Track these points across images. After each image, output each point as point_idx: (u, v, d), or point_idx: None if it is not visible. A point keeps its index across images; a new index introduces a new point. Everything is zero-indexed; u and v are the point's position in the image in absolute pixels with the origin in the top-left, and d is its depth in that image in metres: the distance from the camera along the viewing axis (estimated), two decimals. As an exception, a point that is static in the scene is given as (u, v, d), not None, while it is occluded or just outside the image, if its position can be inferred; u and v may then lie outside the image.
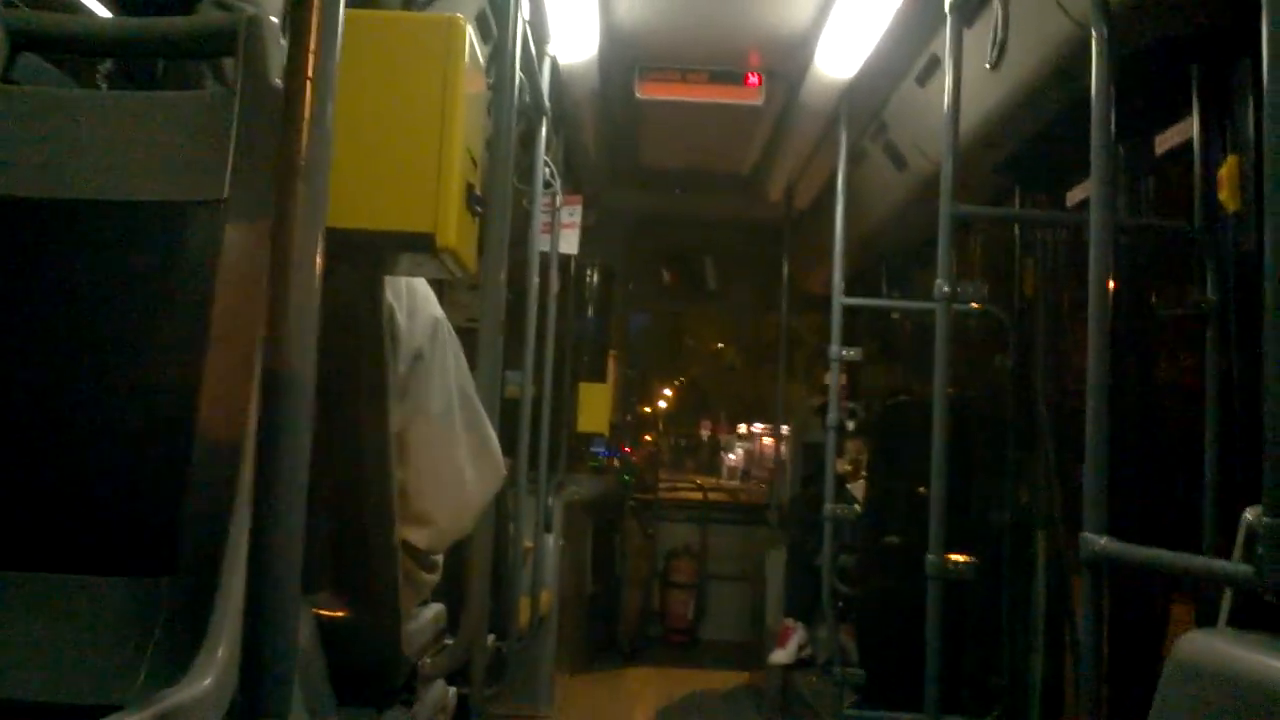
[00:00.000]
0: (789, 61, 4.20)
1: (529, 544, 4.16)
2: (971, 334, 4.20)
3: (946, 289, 2.76)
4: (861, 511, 4.32)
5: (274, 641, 0.94)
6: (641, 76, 4.40)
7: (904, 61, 3.76)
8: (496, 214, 2.35)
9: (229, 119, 1.31)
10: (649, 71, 4.40)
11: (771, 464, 7.04)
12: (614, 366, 6.48)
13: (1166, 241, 2.95)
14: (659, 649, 6.99)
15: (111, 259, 1.32)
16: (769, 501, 6.74)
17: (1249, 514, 1.48)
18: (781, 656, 5.09)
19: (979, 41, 2.82)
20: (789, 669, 5.06)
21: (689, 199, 6.41)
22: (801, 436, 6.58)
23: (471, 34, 1.55)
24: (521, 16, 2.56)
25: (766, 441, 9.51)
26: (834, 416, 4.28)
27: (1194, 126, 2.63)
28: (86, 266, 1.31)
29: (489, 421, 2.04)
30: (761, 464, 9.55)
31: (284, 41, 1.28)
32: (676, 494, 8.04)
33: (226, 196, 1.28)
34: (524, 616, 3.89)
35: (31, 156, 1.33)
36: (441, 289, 2.43)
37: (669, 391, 10.25)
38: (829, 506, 4.17)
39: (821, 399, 4.90)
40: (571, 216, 4.82)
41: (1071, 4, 2.55)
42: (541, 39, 3.64)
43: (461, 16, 1.54)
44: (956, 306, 2.81)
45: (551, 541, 4.82)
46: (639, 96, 4.45)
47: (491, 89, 2.47)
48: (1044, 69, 2.84)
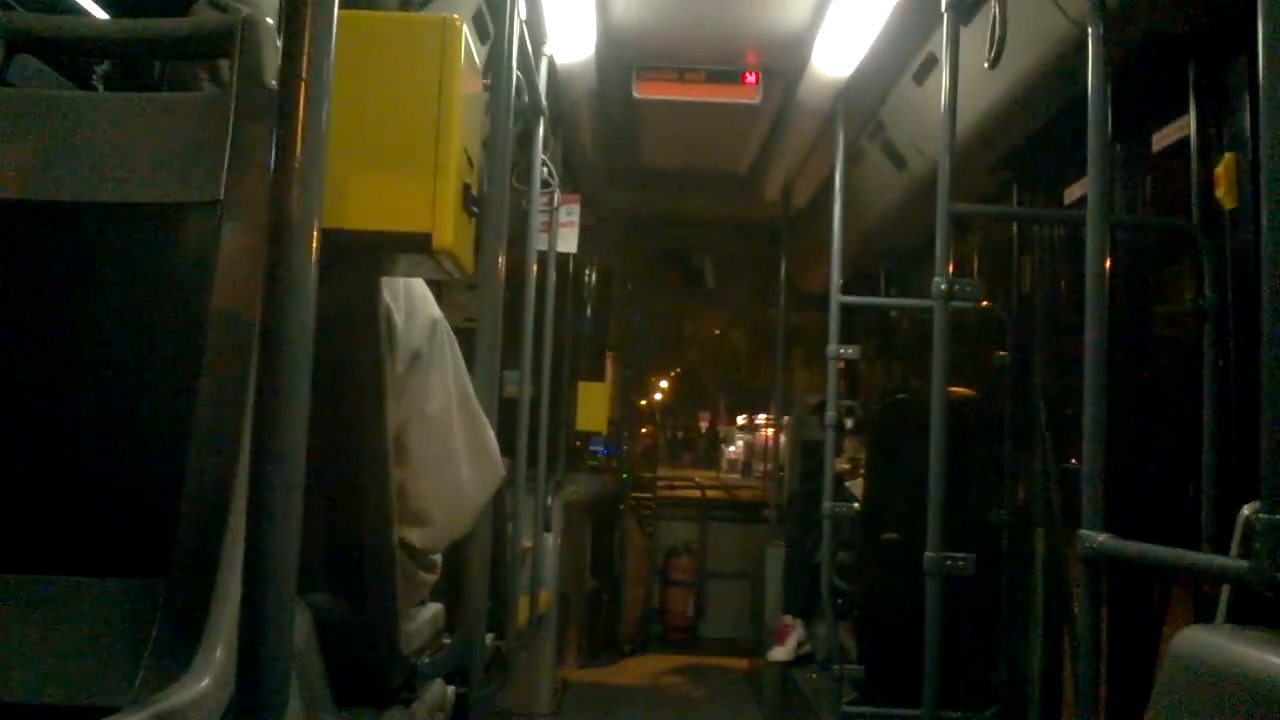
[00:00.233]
0: (786, 60, 4.20)
1: (528, 543, 4.16)
2: (969, 332, 4.20)
3: (944, 287, 2.76)
4: (860, 509, 4.32)
5: (270, 642, 0.94)
6: (639, 76, 4.40)
7: (901, 60, 3.76)
8: (494, 214, 2.35)
9: (225, 120, 1.31)
10: (646, 71, 4.40)
11: (772, 457, 7.03)
12: (612, 366, 6.49)
13: (1163, 239, 2.95)
14: (658, 647, 6.99)
15: (107, 260, 1.32)
16: (769, 499, 6.75)
17: (1246, 510, 1.48)
18: (781, 653, 5.10)
19: (976, 40, 2.82)
20: (788, 666, 5.07)
21: (687, 198, 6.41)
22: (800, 434, 6.59)
23: (468, 34, 1.55)
24: (518, 16, 2.56)
25: (766, 434, 9.27)
26: (832, 415, 4.28)
27: (1191, 124, 2.63)
28: (82, 268, 1.31)
29: (487, 421, 2.04)
30: (763, 457, 9.26)
31: (279, 43, 1.28)
32: (674, 491, 8.03)
33: (222, 197, 1.28)
34: (523, 615, 3.89)
35: (28, 158, 1.33)
36: (440, 289, 2.42)
37: (665, 384, 10.00)
38: (828, 504, 4.18)
39: (820, 397, 4.91)
40: (569, 216, 4.82)
41: (1068, 2, 2.55)
42: (539, 39, 3.64)
43: (457, 17, 1.54)
44: (954, 304, 2.81)
45: (550, 540, 4.82)
46: (636, 96, 4.45)
47: (488, 89, 2.47)
48: (1041, 67, 2.84)
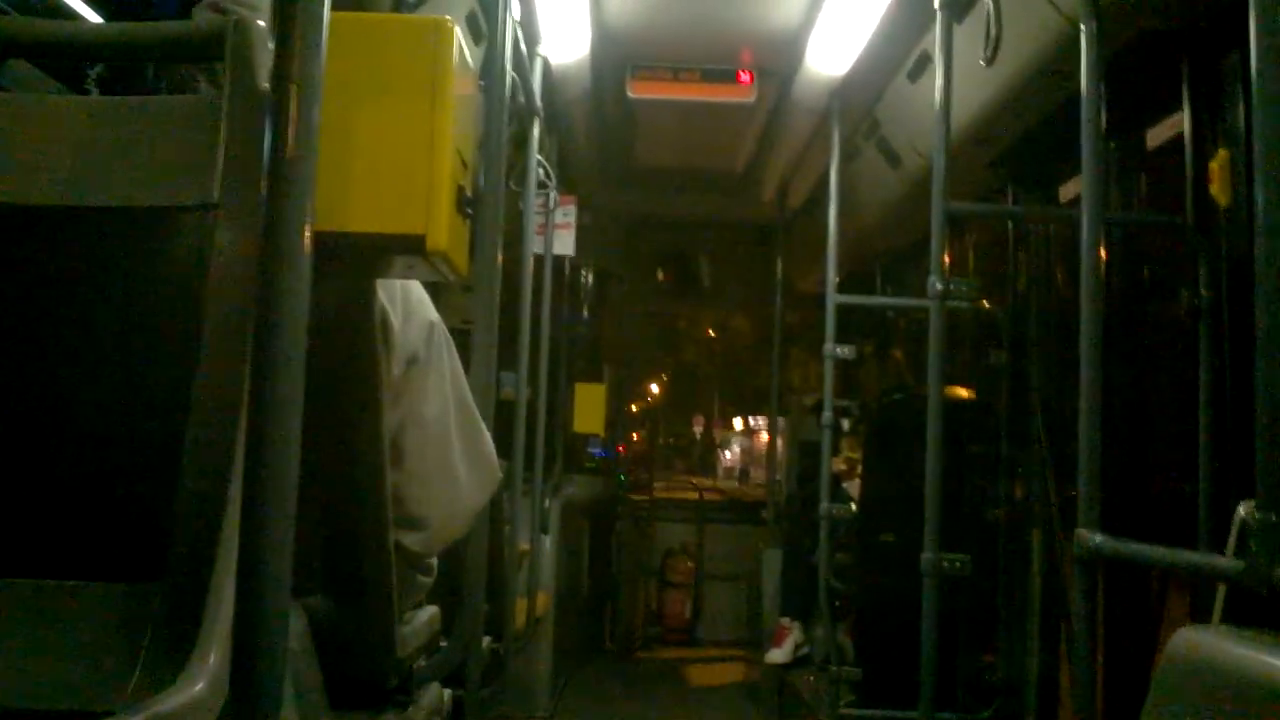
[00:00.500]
0: (781, 59, 4.20)
1: (525, 545, 4.16)
2: (965, 331, 4.20)
3: (940, 286, 2.77)
4: (857, 510, 4.32)
5: (265, 646, 0.94)
6: (634, 76, 4.40)
7: (895, 58, 3.76)
8: (489, 216, 2.35)
9: (218, 123, 1.30)
10: (641, 71, 4.40)
11: (771, 462, 6.97)
12: (609, 366, 6.49)
13: (1158, 236, 2.95)
14: (656, 649, 6.99)
15: (101, 264, 1.31)
16: (766, 501, 6.75)
17: (1242, 509, 1.48)
18: (778, 655, 5.10)
19: (969, 38, 2.82)
20: (786, 668, 5.07)
21: (682, 198, 6.41)
22: (797, 435, 6.59)
23: (461, 35, 1.55)
24: (512, 17, 2.56)
25: (765, 438, 8.86)
26: (829, 415, 4.28)
27: (1185, 121, 2.63)
28: (76, 272, 1.31)
29: (484, 426, 2.04)
30: (761, 463, 8.89)
31: (272, 45, 1.27)
32: (671, 493, 8.04)
33: (216, 200, 1.28)
34: (520, 618, 3.89)
35: (20, 162, 1.33)
36: (436, 291, 2.42)
37: (656, 389, 9.66)
38: (825, 505, 4.18)
39: (816, 397, 4.91)
40: (566, 217, 4.83)
41: None
42: (533, 39, 3.64)
43: (450, 19, 1.54)
44: (950, 304, 2.81)
45: (548, 543, 4.82)
46: (631, 96, 4.45)
47: (483, 90, 2.46)
48: (1034, 65, 2.84)
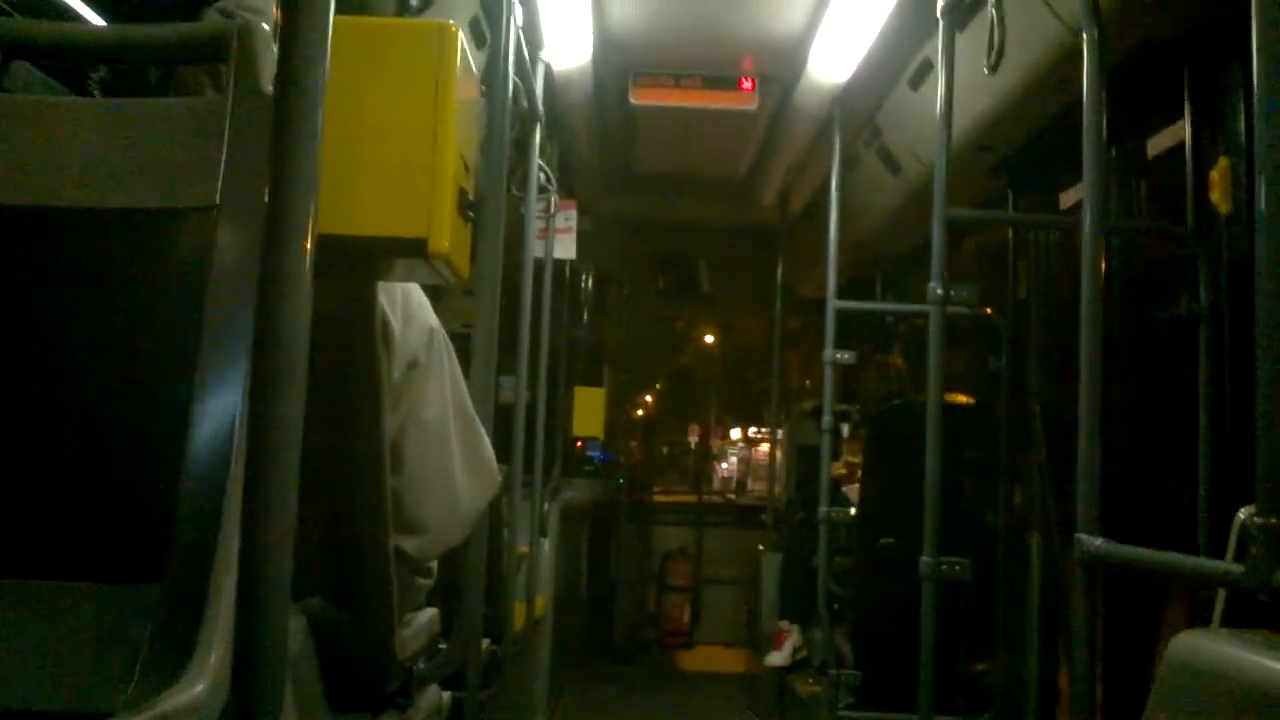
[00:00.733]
0: (782, 66, 4.21)
1: (524, 548, 4.16)
2: (965, 337, 4.20)
3: (940, 292, 2.77)
4: (856, 514, 4.32)
5: (265, 647, 0.94)
6: (635, 82, 4.41)
7: (897, 65, 3.77)
8: (490, 220, 2.35)
9: (221, 125, 1.31)
10: (643, 77, 4.41)
11: (768, 475, 6.94)
12: (608, 370, 6.49)
13: (1159, 244, 2.95)
14: (655, 652, 6.99)
15: (103, 265, 1.32)
16: (765, 505, 6.75)
17: (1242, 514, 1.48)
18: (777, 658, 5.10)
19: (971, 45, 2.83)
20: (784, 671, 5.06)
21: (683, 204, 6.41)
22: (796, 440, 6.59)
23: (464, 40, 1.56)
24: (515, 22, 2.57)
25: (764, 449, 8.33)
26: (828, 420, 4.28)
27: (1186, 129, 2.64)
28: (78, 273, 1.31)
29: (483, 429, 2.04)
30: (760, 475, 8.39)
31: (276, 48, 1.28)
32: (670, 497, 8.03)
33: (218, 203, 1.28)
34: (519, 621, 3.88)
35: (24, 164, 1.33)
36: (436, 294, 2.42)
37: (648, 398, 9.14)
38: (824, 509, 4.18)
39: (816, 402, 4.91)
40: (566, 222, 4.83)
41: (1062, 7, 2.56)
42: (535, 44, 3.64)
43: (454, 23, 1.55)
44: (950, 309, 2.82)
45: (547, 546, 4.82)
46: (633, 102, 4.46)
47: (485, 95, 2.47)
48: (1036, 72, 2.85)
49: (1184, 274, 2.64)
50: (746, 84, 4.39)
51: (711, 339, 9.25)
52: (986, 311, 3.81)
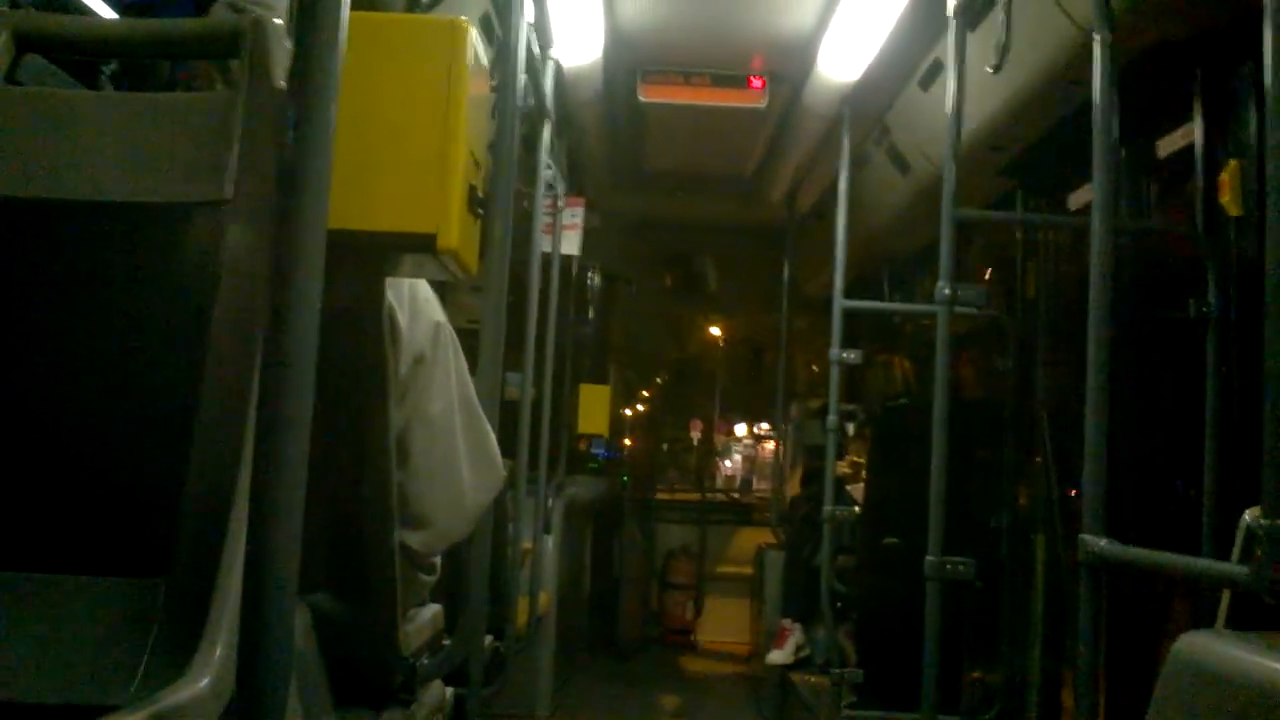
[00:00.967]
0: (792, 65, 4.20)
1: (528, 545, 4.17)
2: (972, 337, 4.20)
3: (948, 292, 2.77)
4: (861, 513, 4.32)
5: (271, 642, 0.94)
6: (644, 79, 4.40)
7: (907, 65, 3.76)
8: (499, 216, 2.35)
9: (233, 120, 1.31)
10: (652, 74, 4.40)
11: (775, 473, 6.87)
12: (614, 368, 6.49)
13: (1168, 245, 2.95)
14: (657, 649, 6.99)
15: (113, 259, 1.32)
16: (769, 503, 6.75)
17: (1248, 516, 1.49)
18: (779, 656, 5.10)
19: (982, 45, 2.82)
20: (787, 669, 5.07)
21: (691, 201, 6.41)
22: (801, 438, 6.58)
23: (475, 36, 1.56)
24: (525, 19, 2.57)
25: (770, 446, 7.80)
26: (833, 419, 4.28)
27: (1196, 130, 2.63)
28: (89, 266, 1.32)
29: (489, 425, 2.05)
30: (765, 473, 7.77)
31: (288, 43, 1.28)
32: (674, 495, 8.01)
33: (229, 197, 1.28)
34: (522, 617, 3.89)
35: (35, 157, 1.33)
36: (443, 290, 2.42)
37: (648, 393, 8.65)
38: (828, 508, 4.18)
39: (821, 401, 4.91)
40: (574, 218, 4.83)
41: (1074, 8, 2.55)
42: (545, 42, 3.65)
43: (465, 19, 1.55)
44: (957, 309, 2.81)
45: (550, 542, 4.82)
46: (642, 99, 4.45)
47: (495, 91, 2.47)
48: (1046, 73, 2.84)
49: (1193, 276, 2.64)
50: (756, 82, 4.38)
51: (718, 331, 8.98)
52: (989, 311, 3.80)
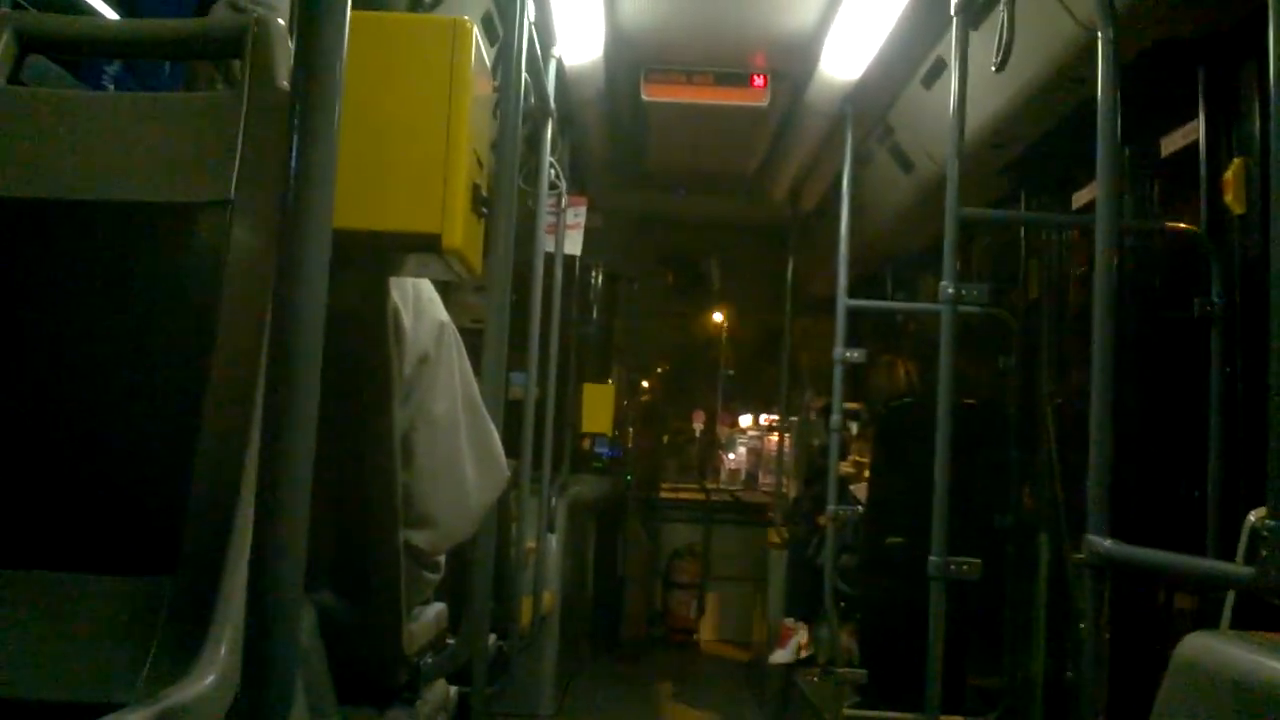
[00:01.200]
0: (794, 63, 4.20)
1: (532, 544, 4.17)
2: (976, 336, 4.19)
3: (951, 291, 2.76)
4: (864, 512, 4.31)
5: (276, 640, 0.94)
6: (647, 78, 4.40)
7: (909, 64, 3.76)
8: (502, 215, 2.35)
9: (236, 120, 1.31)
10: (654, 73, 4.40)
11: (785, 468, 6.83)
12: (617, 367, 6.49)
13: (1172, 244, 2.94)
14: (661, 649, 6.99)
15: (117, 259, 1.32)
16: (773, 502, 6.75)
17: (1252, 517, 1.49)
18: (782, 656, 5.09)
19: (985, 44, 2.82)
20: (790, 668, 5.06)
21: (694, 200, 6.41)
22: (804, 437, 6.57)
23: (477, 35, 1.56)
24: (527, 18, 2.57)
25: (776, 439, 7.52)
26: (837, 419, 4.28)
27: (1200, 129, 2.63)
28: (93, 266, 1.32)
29: (493, 425, 2.05)
30: (771, 467, 7.38)
31: (290, 43, 1.28)
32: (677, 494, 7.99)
33: (233, 198, 1.28)
34: (526, 616, 3.89)
35: (39, 157, 1.34)
36: (446, 290, 2.42)
37: (647, 384, 8.30)
38: (832, 507, 4.17)
39: (825, 400, 4.90)
40: (576, 218, 4.83)
41: (1077, 6, 2.55)
42: (547, 41, 3.65)
43: (468, 18, 1.55)
44: (961, 308, 2.81)
45: (554, 541, 4.83)
46: (644, 98, 4.45)
47: (497, 90, 2.47)
48: (1050, 71, 2.84)
49: (1197, 274, 2.63)
50: (758, 81, 4.38)
51: (720, 316, 8.60)
52: (993, 310, 3.80)
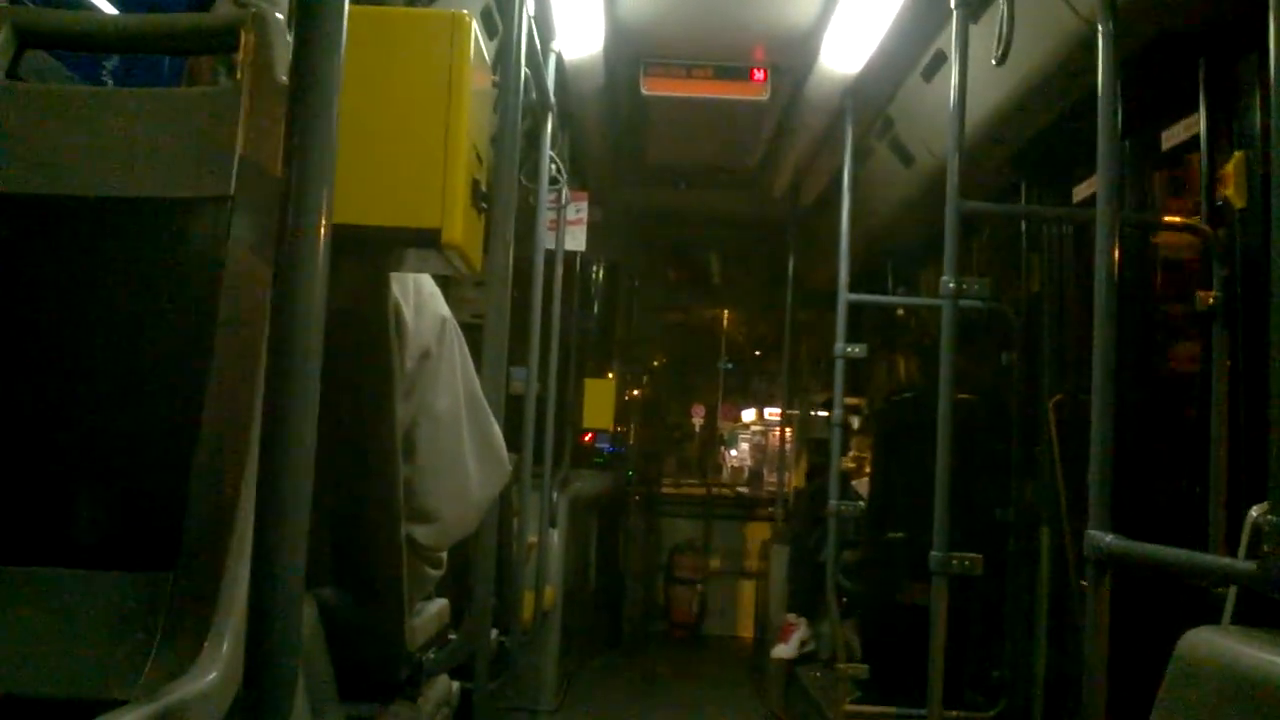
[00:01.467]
0: (794, 57, 4.19)
1: (533, 539, 4.17)
2: (977, 330, 4.19)
3: (952, 285, 2.76)
4: (866, 507, 4.31)
5: (278, 636, 0.94)
6: (647, 72, 4.39)
7: (910, 57, 3.75)
8: (502, 210, 2.35)
9: (235, 115, 1.31)
10: (654, 67, 4.39)
11: (790, 464, 6.79)
12: (618, 362, 6.49)
13: (1172, 236, 2.94)
14: (662, 644, 7.00)
15: (117, 254, 1.32)
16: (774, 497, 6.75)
17: (1255, 511, 1.48)
18: (783, 651, 5.10)
19: (985, 37, 2.81)
20: (792, 663, 5.07)
21: (694, 195, 6.40)
22: (806, 432, 6.58)
23: (477, 30, 1.56)
24: (526, 12, 2.56)
25: (777, 434, 7.25)
26: (838, 414, 4.27)
27: (1201, 122, 2.62)
28: (93, 262, 1.32)
29: (494, 420, 2.05)
30: (778, 463, 6.95)
31: (290, 38, 1.28)
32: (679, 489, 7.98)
33: (233, 192, 1.28)
34: (528, 611, 3.90)
35: (38, 152, 1.33)
36: (447, 285, 2.42)
37: (646, 378, 7.91)
38: (833, 502, 4.17)
39: (826, 395, 4.91)
40: (578, 213, 4.83)
41: (1078, -1, 2.55)
42: (547, 35, 3.64)
43: (467, 13, 1.55)
44: (962, 302, 2.81)
45: (556, 537, 4.83)
46: (644, 92, 4.44)
47: (497, 85, 2.46)
48: (1050, 64, 2.83)
49: (1197, 267, 2.63)
50: (758, 74, 4.37)
51: (721, 309, 8.34)
52: (993, 304, 3.79)
